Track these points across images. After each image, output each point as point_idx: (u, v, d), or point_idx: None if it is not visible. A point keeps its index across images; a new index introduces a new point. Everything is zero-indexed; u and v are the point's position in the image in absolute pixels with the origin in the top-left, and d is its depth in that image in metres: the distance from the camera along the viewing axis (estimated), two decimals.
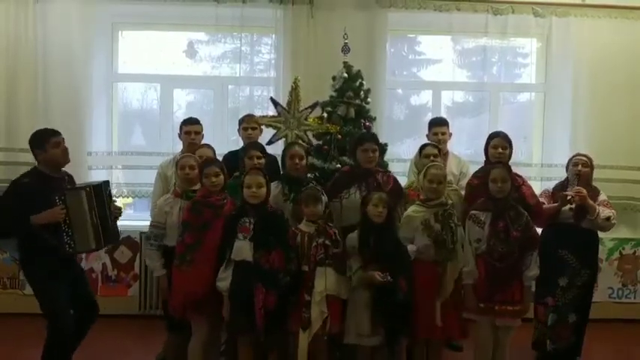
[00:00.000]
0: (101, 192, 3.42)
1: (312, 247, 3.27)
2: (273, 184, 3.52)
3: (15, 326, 4.55)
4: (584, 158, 3.87)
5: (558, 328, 3.84)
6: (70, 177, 3.57)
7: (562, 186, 3.92)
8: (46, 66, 4.92)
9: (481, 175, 3.76)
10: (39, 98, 4.89)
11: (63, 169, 3.50)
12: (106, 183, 3.59)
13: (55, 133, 3.40)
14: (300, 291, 3.25)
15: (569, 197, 3.72)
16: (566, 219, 3.76)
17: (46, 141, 3.34)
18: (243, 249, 3.19)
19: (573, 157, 3.94)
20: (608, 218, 3.71)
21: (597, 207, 3.71)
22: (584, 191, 3.69)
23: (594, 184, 4.00)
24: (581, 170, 3.83)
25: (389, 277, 3.18)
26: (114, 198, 3.80)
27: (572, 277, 3.78)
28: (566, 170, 3.97)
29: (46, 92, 4.91)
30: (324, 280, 3.25)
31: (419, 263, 3.38)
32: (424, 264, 3.37)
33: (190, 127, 4.17)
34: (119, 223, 3.72)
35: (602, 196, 3.84)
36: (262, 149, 3.80)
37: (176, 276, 3.29)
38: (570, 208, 3.73)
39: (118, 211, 3.64)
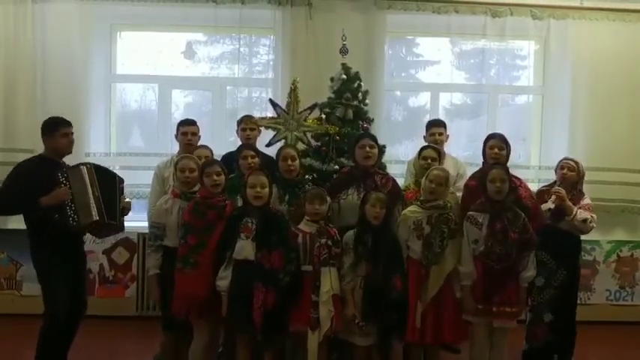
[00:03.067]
0: (105, 174, 3.60)
1: (316, 248, 3.27)
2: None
3: (12, 327, 4.54)
4: (571, 163, 3.90)
5: (533, 327, 3.87)
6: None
7: (547, 188, 3.94)
8: (44, 67, 4.93)
9: (478, 176, 3.76)
10: (37, 99, 4.89)
11: (64, 161, 3.62)
12: (121, 179, 3.71)
13: (66, 123, 3.57)
14: (299, 291, 3.26)
15: (547, 196, 3.77)
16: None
17: (56, 129, 3.52)
18: (245, 248, 3.20)
19: (561, 160, 3.97)
20: (584, 220, 3.72)
21: (575, 208, 3.72)
22: (563, 192, 3.73)
23: (591, 186, 4.01)
24: (566, 174, 3.85)
25: (361, 323, 3.25)
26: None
27: (549, 277, 3.79)
28: (555, 173, 3.99)
29: (44, 93, 4.92)
30: (330, 280, 3.27)
31: (410, 262, 3.40)
32: (415, 263, 3.40)
33: (187, 128, 4.17)
34: None
35: (586, 200, 3.86)
36: (255, 149, 3.81)
37: (179, 279, 3.28)
38: (549, 209, 3.75)
39: (127, 206, 3.71)
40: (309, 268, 3.28)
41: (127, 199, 3.80)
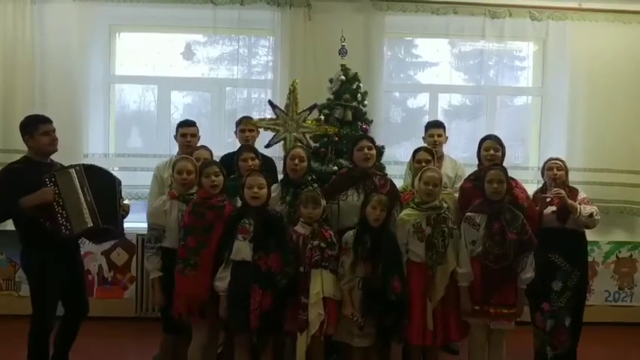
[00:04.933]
0: (99, 175, 3.45)
1: (307, 250, 3.28)
2: (273, 186, 3.52)
3: (10, 328, 4.53)
4: (558, 162, 3.89)
5: (557, 333, 3.81)
6: (63, 166, 3.52)
7: (541, 191, 3.93)
8: (43, 68, 4.94)
9: (474, 178, 3.77)
10: (36, 100, 4.89)
11: (57, 160, 3.52)
12: (119, 182, 3.60)
13: (44, 120, 3.39)
14: (296, 293, 3.26)
15: (548, 199, 3.75)
16: (550, 222, 3.75)
17: (35, 128, 3.33)
18: (242, 249, 3.21)
19: (547, 161, 3.95)
20: (590, 214, 3.70)
21: (578, 205, 3.71)
22: (563, 191, 3.71)
23: (589, 187, 4.01)
24: (556, 174, 3.84)
25: (360, 320, 3.25)
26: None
27: (565, 280, 3.76)
28: (542, 175, 3.98)
29: (43, 94, 4.92)
30: (320, 283, 3.27)
31: (412, 265, 3.40)
32: (417, 265, 3.39)
33: (186, 130, 4.17)
34: None
35: (582, 195, 3.85)
36: (255, 152, 3.81)
37: (180, 280, 3.28)
38: (552, 211, 3.74)
39: (126, 209, 3.64)
40: (301, 269, 3.27)
41: (126, 202, 3.72)
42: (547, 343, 3.84)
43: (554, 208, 3.74)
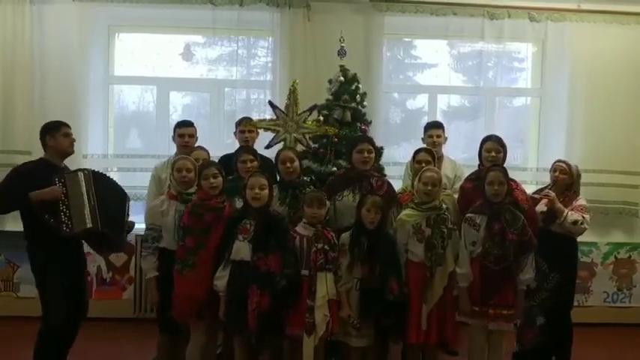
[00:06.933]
0: (108, 184, 3.60)
1: (312, 253, 3.27)
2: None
3: (9, 329, 4.54)
4: (562, 165, 3.88)
5: (525, 329, 3.85)
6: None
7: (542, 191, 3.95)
8: (42, 68, 4.93)
9: (474, 178, 3.77)
10: (35, 101, 4.89)
11: (66, 164, 3.63)
12: (129, 198, 3.75)
13: (66, 124, 3.63)
14: (298, 295, 3.25)
15: (537, 198, 3.78)
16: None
17: (58, 129, 3.55)
18: (241, 249, 3.22)
19: (554, 162, 3.96)
20: (575, 222, 3.69)
21: (565, 211, 3.71)
22: (552, 194, 3.72)
23: (588, 188, 4.01)
24: (558, 176, 3.85)
25: (356, 322, 3.27)
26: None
27: (541, 280, 3.75)
28: (550, 175, 3.99)
29: (42, 95, 4.92)
30: (326, 285, 3.26)
31: (411, 265, 3.40)
32: (416, 265, 3.39)
33: (184, 130, 4.17)
34: None
35: (580, 202, 3.82)
36: (254, 153, 3.81)
37: (178, 281, 3.29)
38: (541, 212, 3.74)
39: (130, 226, 3.74)
40: (305, 272, 3.27)
41: (131, 219, 3.77)
42: (516, 338, 3.87)
43: (544, 208, 3.74)
